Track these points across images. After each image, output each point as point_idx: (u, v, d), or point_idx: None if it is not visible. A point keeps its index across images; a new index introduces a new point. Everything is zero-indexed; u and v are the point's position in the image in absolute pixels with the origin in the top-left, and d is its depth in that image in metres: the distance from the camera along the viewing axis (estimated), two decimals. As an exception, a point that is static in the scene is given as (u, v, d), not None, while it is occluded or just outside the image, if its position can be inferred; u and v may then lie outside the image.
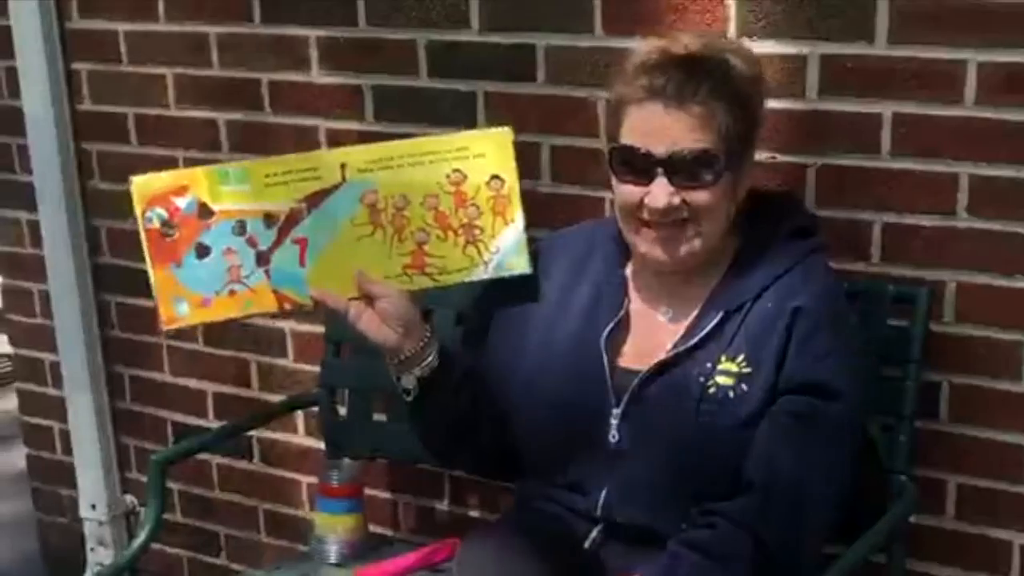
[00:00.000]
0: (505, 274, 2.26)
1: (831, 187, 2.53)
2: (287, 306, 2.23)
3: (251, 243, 2.19)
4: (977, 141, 2.40)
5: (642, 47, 2.23)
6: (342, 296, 2.20)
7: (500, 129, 2.25)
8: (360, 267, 2.20)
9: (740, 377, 2.15)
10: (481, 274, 2.25)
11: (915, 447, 2.44)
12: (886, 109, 2.46)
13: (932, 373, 2.48)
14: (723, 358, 2.16)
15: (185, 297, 2.18)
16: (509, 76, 2.82)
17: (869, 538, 2.29)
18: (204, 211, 2.18)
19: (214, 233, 2.18)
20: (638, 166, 2.14)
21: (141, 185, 2.19)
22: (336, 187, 2.20)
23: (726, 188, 2.15)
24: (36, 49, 3.39)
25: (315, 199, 2.20)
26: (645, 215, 2.16)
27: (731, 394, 2.15)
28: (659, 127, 2.12)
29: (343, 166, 2.20)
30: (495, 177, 2.23)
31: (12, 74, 3.50)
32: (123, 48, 3.35)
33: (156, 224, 2.17)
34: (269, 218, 2.19)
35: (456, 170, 2.22)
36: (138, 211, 2.17)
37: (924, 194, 2.46)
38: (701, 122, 2.11)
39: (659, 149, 2.12)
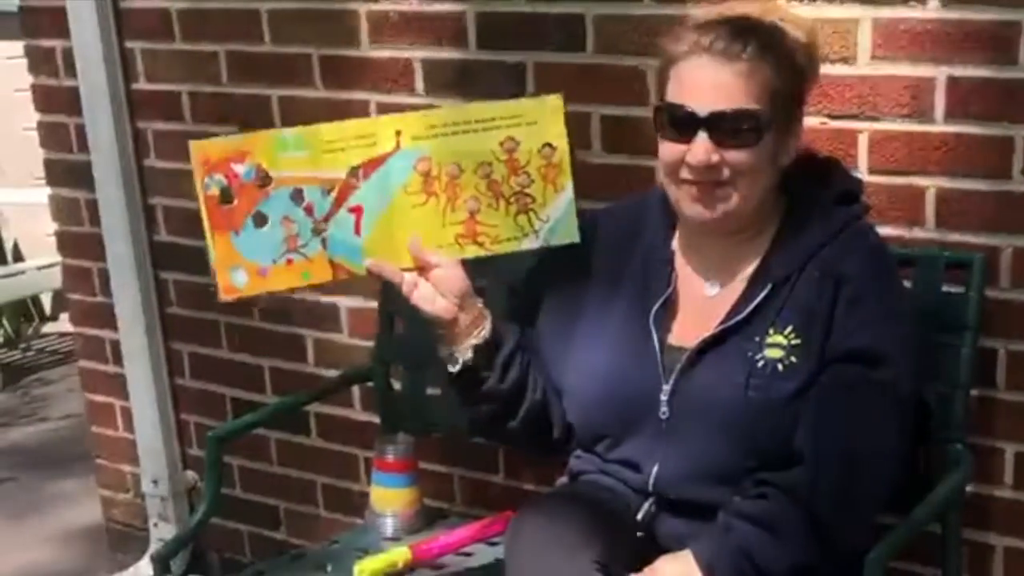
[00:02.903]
0: (554, 243, 2.26)
1: (884, 152, 2.50)
2: (342, 276, 2.22)
3: (308, 211, 2.18)
4: (1033, 104, 2.36)
5: (696, 10, 2.23)
6: (396, 266, 2.20)
7: (552, 96, 2.24)
8: (412, 235, 2.20)
9: (789, 350, 2.13)
10: (531, 243, 2.26)
11: (971, 415, 2.40)
12: (940, 72, 2.42)
13: (988, 340, 2.45)
14: (771, 331, 2.14)
15: (243, 266, 2.18)
16: (558, 46, 2.80)
17: (925, 508, 2.27)
18: (263, 178, 2.17)
19: (272, 201, 2.18)
20: (681, 123, 2.13)
21: (200, 149, 2.17)
22: (390, 154, 2.20)
23: (768, 149, 2.13)
24: (91, 29, 3.41)
25: (370, 166, 2.19)
26: (685, 173, 2.15)
27: (780, 367, 2.13)
28: (703, 84, 2.12)
29: (398, 133, 2.20)
30: (547, 145, 2.22)
31: (68, 54, 3.52)
32: (176, 26, 3.37)
33: (215, 191, 2.16)
34: (326, 186, 2.18)
35: (509, 137, 2.22)
36: (197, 176, 2.16)
37: (979, 158, 2.42)
38: (746, 80, 2.09)
39: (702, 106, 2.11)
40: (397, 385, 2.97)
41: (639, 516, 2.24)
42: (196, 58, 3.35)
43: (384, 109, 3.04)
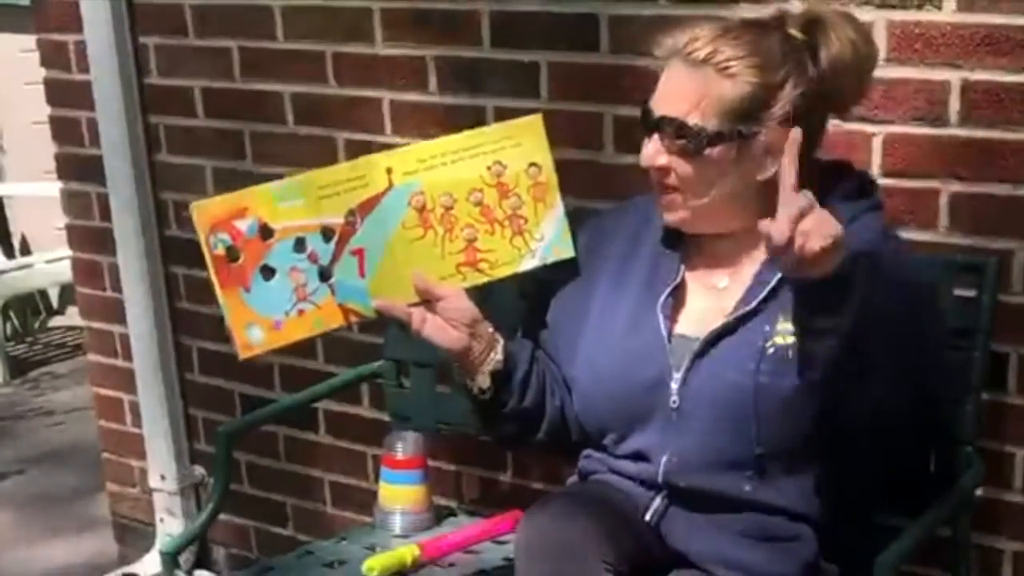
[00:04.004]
0: (552, 260, 2.29)
1: (898, 155, 2.50)
2: (353, 319, 2.22)
3: (312, 259, 2.18)
4: (1047, 108, 2.36)
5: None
6: (403, 303, 2.20)
7: (531, 116, 2.28)
8: (416, 270, 2.21)
9: None
10: (529, 263, 2.28)
11: (982, 419, 2.39)
12: (954, 76, 2.42)
13: (1000, 344, 2.44)
14: (782, 318, 2.12)
15: (257, 322, 2.17)
16: (572, 46, 2.81)
17: (935, 511, 2.26)
18: (265, 232, 2.16)
19: (277, 253, 2.17)
20: (643, 123, 2.17)
21: (201, 209, 2.15)
22: (385, 192, 2.20)
23: (719, 162, 2.11)
24: (104, 23, 3.41)
25: (366, 207, 2.19)
26: (651, 174, 2.18)
27: (791, 353, 2.11)
28: (667, 86, 2.14)
29: (389, 171, 2.20)
30: (532, 164, 2.26)
31: (81, 48, 3.53)
32: (190, 21, 3.37)
33: (221, 250, 2.14)
34: (327, 231, 2.18)
35: (496, 162, 2.24)
36: (202, 237, 2.14)
37: (993, 162, 2.42)
38: (702, 90, 2.08)
39: (658, 108, 2.13)
40: (406, 383, 2.97)
41: (648, 516, 2.24)
42: (209, 54, 3.36)
43: (397, 107, 3.06)
